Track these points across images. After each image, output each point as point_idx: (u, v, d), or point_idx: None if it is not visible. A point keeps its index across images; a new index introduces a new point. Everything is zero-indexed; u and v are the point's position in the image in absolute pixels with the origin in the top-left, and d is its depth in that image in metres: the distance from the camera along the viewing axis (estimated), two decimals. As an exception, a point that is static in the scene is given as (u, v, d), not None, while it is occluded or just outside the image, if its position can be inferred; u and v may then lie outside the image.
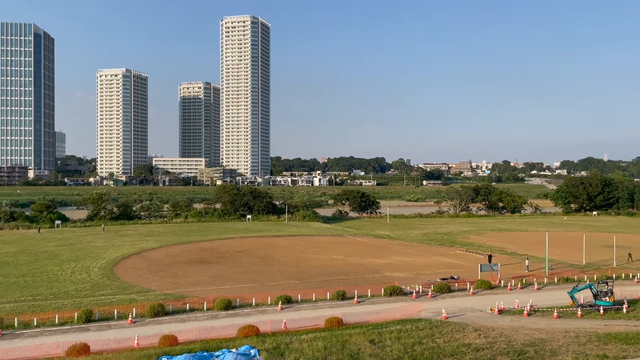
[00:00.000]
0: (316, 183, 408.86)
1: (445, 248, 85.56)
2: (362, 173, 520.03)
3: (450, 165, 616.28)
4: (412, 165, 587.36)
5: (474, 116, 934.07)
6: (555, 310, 42.49)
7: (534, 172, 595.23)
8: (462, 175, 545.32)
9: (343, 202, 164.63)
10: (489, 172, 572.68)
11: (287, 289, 50.65)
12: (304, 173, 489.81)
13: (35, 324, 38.64)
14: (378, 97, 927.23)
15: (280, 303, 44.77)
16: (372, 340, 34.09)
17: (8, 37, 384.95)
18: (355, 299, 47.11)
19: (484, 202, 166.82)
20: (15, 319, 39.04)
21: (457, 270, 62.79)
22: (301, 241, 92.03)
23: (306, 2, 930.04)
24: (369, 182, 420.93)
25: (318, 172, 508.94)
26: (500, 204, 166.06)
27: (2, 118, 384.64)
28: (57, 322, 39.17)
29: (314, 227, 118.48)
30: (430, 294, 49.87)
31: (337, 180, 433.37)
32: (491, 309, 43.76)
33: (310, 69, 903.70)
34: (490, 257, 68.82)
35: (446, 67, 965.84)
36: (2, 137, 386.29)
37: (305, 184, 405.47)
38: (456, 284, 53.56)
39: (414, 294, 49.34)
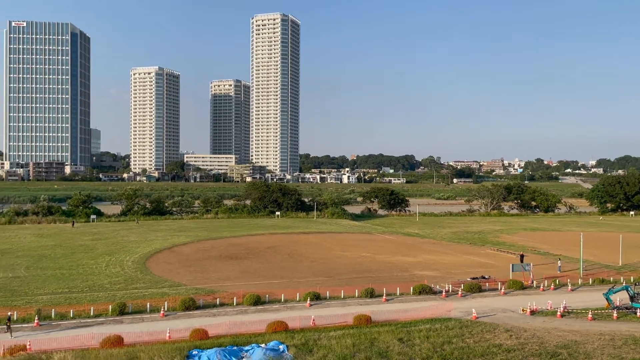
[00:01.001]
0: (345, 180, 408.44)
1: (476, 247, 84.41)
2: (391, 170, 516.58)
3: (481, 163, 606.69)
4: (442, 163, 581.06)
5: (507, 113, 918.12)
6: (590, 312, 41.49)
7: (568, 170, 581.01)
8: (494, 173, 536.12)
9: (372, 199, 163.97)
10: (521, 170, 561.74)
11: (316, 285, 50.83)
12: (333, 170, 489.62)
13: (71, 315, 39.82)
14: (408, 94, 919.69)
15: (308, 299, 44.99)
16: (401, 339, 33.93)
17: (46, 37, 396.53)
18: (384, 297, 46.95)
19: (516, 201, 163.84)
20: (53, 310, 40.32)
21: (488, 270, 61.88)
22: (329, 238, 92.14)
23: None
24: (398, 179, 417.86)
25: (347, 169, 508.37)
26: (533, 203, 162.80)
27: (41, 115, 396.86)
28: (92, 314, 40.28)
29: (342, 224, 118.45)
30: (460, 293, 49.31)
31: (366, 177, 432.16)
32: (523, 310, 43.01)
33: (340, 66, 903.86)
34: (522, 256, 67.58)
35: (477, 64, 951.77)
36: (41, 134, 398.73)
37: (334, 181, 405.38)
38: (487, 284, 52.81)
39: (444, 293, 48.88)
